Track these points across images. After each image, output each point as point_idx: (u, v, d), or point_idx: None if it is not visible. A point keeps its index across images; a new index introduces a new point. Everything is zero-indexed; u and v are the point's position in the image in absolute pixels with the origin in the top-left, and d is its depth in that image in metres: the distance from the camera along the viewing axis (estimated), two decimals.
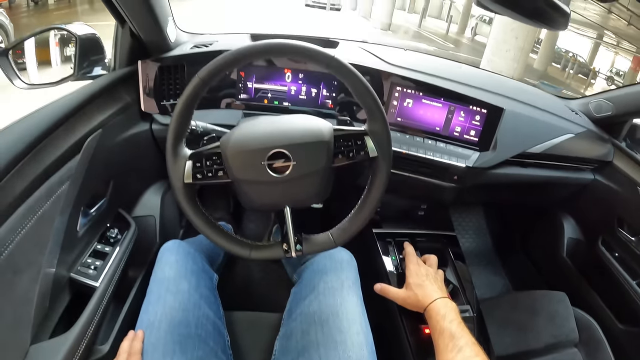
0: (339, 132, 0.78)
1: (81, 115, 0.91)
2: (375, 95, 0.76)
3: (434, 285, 0.95)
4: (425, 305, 0.90)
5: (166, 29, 1.09)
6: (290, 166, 0.73)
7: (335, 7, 18.35)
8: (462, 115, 1.14)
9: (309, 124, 0.77)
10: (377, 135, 0.78)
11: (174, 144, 0.75)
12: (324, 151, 0.75)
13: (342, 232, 0.79)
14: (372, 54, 1.27)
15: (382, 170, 0.78)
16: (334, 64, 0.73)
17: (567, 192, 1.42)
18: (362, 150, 0.77)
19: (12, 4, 8.73)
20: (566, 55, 16.51)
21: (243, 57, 0.73)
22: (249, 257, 0.78)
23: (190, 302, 0.86)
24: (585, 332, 1.18)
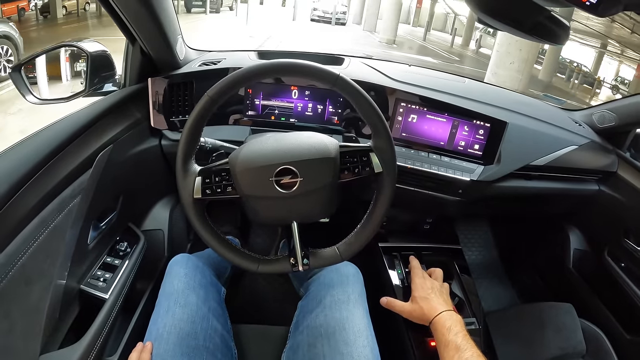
0: (344, 149, 0.80)
1: (93, 131, 0.93)
2: (379, 112, 0.78)
3: (440, 299, 0.95)
4: (430, 318, 0.91)
5: (175, 47, 1.11)
6: (297, 182, 0.74)
7: (341, 22, 18.47)
8: (466, 129, 1.16)
9: (315, 141, 0.79)
10: (382, 151, 0.79)
11: (184, 160, 0.77)
12: (330, 167, 0.77)
13: (348, 247, 0.81)
14: (376, 70, 1.29)
15: (387, 185, 0.80)
16: (340, 82, 0.76)
17: (572, 204, 1.42)
18: (367, 166, 0.79)
19: (21, 17, 8.86)
20: (570, 65, 16.52)
21: (251, 77, 0.76)
22: (257, 271, 0.79)
23: (199, 315, 0.87)
24: (593, 343, 1.17)
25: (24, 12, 8.97)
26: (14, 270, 0.68)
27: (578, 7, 0.51)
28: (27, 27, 8.77)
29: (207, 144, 0.95)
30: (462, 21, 22.78)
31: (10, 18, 7.86)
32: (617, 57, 17.02)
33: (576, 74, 15.71)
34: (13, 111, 4.54)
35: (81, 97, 1.06)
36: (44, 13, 10.00)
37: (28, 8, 9.16)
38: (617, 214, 1.30)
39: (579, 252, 1.47)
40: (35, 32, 8.80)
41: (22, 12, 8.91)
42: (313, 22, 18.14)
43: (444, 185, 1.17)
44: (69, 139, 0.84)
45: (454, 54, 16.25)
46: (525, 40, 1.82)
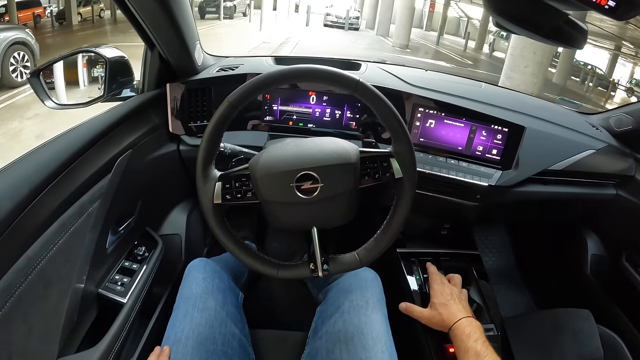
0: (364, 154, 0.80)
1: (112, 136, 0.94)
2: (400, 117, 0.78)
3: (459, 305, 0.95)
4: (449, 324, 0.91)
5: (194, 53, 1.12)
6: (318, 188, 0.74)
7: (354, 27, 18.41)
8: (483, 134, 1.15)
9: (336, 146, 0.79)
10: (402, 156, 0.79)
11: (204, 166, 0.78)
12: (350, 173, 0.77)
13: (368, 252, 0.81)
14: (394, 76, 1.29)
15: (407, 191, 0.80)
16: (360, 88, 0.76)
17: (590, 209, 1.41)
18: (387, 172, 0.79)
19: (37, 24, 9.01)
20: (585, 68, 16.32)
21: (271, 82, 0.76)
22: (277, 276, 0.79)
23: (217, 320, 0.88)
24: (611, 350, 1.14)
25: (39, 19, 9.15)
26: (33, 273, 0.69)
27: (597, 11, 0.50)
28: (43, 33, 8.92)
29: (226, 149, 0.96)
30: (475, 25, 22.62)
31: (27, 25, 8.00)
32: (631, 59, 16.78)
33: (590, 76, 15.52)
34: (29, 116, 4.64)
35: (99, 103, 1.07)
36: (59, 20, 10.18)
37: (44, 15, 9.33)
38: (635, 218, 1.28)
39: (597, 257, 1.45)
40: (51, 39, 8.95)
41: (38, 18, 9.08)
42: (326, 27, 18.10)
43: (462, 190, 1.17)
44: (88, 144, 0.86)
45: (468, 58, 16.12)
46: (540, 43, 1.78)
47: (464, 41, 19.58)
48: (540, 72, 6.91)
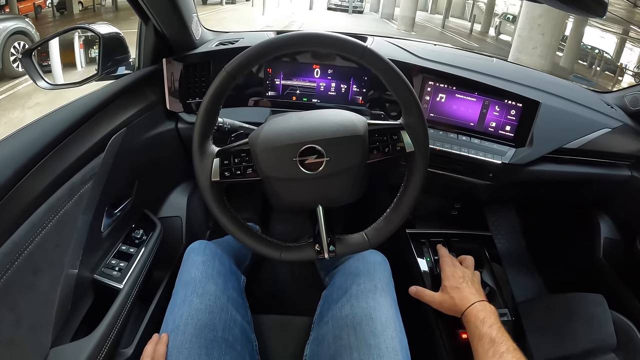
0: (373, 127, 0.75)
1: (105, 114, 0.90)
2: (410, 87, 0.73)
3: (472, 288, 0.91)
4: (462, 309, 0.87)
5: (191, 26, 1.07)
6: (323, 162, 0.70)
7: (358, 10, 18.33)
8: (497, 109, 1.10)
9: (343, 118, 0.74)
10: (414, 129, 0.74)
11: (201, 141, 0.73)
12: (358, 146, 0.72)
13: (377, 233, 0.76)
14: (402, 48, 1.23)
15: (419, 166, 0.75)
16: (367, 55, 0.70)
17: (604, 190, 1.37)
18: (398, 146, 0.74)
19: (38, 14, 8.91)
20: (592, 52, 16.05)
21: (272, 50, 0.70)
22: (280, 258, 0.75)
23: (217, 305, 0.84)
24: (624, 336, 1.11)
25: (40, 9, 9.03)
26: (20, 259, 0.65)
27: None
28: (44, 23, 8.83)
29: (225, 125, 0.91)
30: (481, 8, 22.29)
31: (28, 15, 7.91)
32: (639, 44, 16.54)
33: (598, 60, 15.29)
34: (31, 105, 4.60)
35: (94, 82, 1.02)
36: (60, 9, 10.07)
37: (45, 5, 9.21)
38: None
39: (610, 241, 1.41)
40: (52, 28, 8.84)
41: (39, 9, 8.97)
42: (330, 10, 17.99)
43: (474, 168, 1.12)
44: (78, 122, 0.81)
45: (474, 41, 15.86)
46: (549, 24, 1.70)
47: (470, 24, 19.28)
48: (549, 54, 6.82)
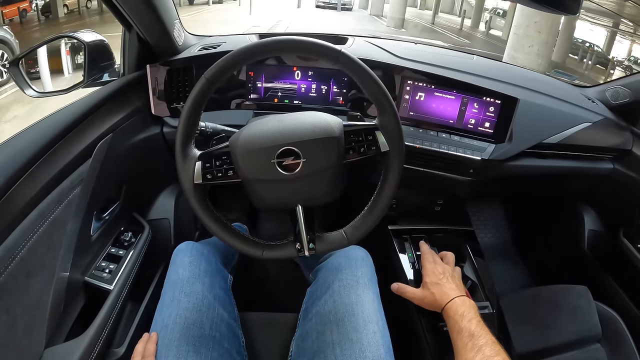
0: (349, 128, 0.76)
1: (91, 121, 0.91)
2: (384, 88, 0.75)
3: (452, 284, 0.93)
4: (442, 304, 0.88)
5: (173, 32, 1.09)
6: (300, 164, 0.72)
7: (347, 7, 18.12)
8: (475, 107, 1.12)
9: (318, 120, 0.76)
10: (388, 129, 0.76)
11: (183, 145, 0.75)
12: (334, 147, 0.74)
13: (356, 230, 0.78)
14: (381, 49, 1.25)
15: (395, 165, 0.77)
16: (342, 58, 0.72)
17: (586, 183, 1.39)
18: (373, 146, 0.76)
19: (23, 18, 8.81)
20: (583, 45, 16.07)
21: (248, 56, 0.72)
22: (262, 257, 0.77)
23: (204, 304, 0.86)
24: (609, 327, 1.13)
25: (25, 13, 8.91)
26: (13, 263, 0.67)
27: None
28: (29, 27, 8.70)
29: (207, 129, 0.93)
30: (471, 3, 22.22)
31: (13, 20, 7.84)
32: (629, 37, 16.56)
33: (589, 54, 15.28)
34: (8, 118, 4.42)
35: (81, 89, 1.04)
36: (45, 13, 9.97)
37: (30, 9, 9.12)
38: (632, 193, 1.26)
39: (594, 233, 1.43)
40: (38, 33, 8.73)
41: (24, 13, 8.85)
42: (319, 8, 17.78)
43: (454, 165, 1.14)
44: (66, 130, 0.83)
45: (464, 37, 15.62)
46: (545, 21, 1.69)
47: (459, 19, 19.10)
48: (546, 52, 6.60)
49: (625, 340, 1.10)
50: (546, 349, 1.10)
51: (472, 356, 0.73)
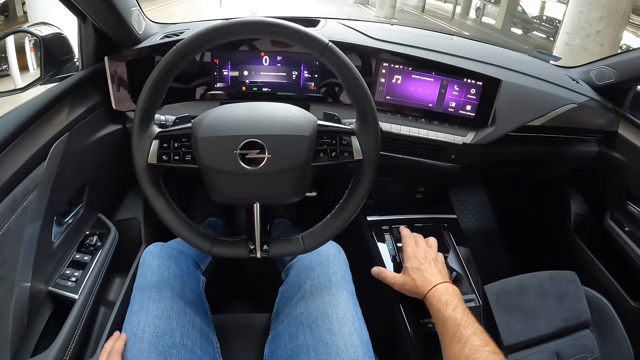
0: (323, 128, 0.71)
1: (44, 120, 0.85)
2: (369, 94, 0.69)
3: (434, 269, 0.88)
4: (424, 292, 0.84)
5: (130, 21, 1.01)
6: (265, 159, 0.66)
7: None
8: (456, 89, 1.07)
9: (292, 115, 0.70)
10: (366, 137, 0.71)
11: (142, 120, 0.69)
12: (304, 147, 0.68)
13: (314, 238, 0.74)
14: (355, 30, 1.19)
15: (366, 175, 0.72)
16: (328, 52, 0.66)
17: (572, 166, 1.36)
18: (346, 151, 0.71)
19: None
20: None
21: (228, 33, 0.66)
22: (211, 252, 0.73)
23: (175, 310, 0.81)
24: (598, 312, 1.12)
25: None
26: None
27: None
28: None
29: (169, 123, 0.86)
30: None
31: None
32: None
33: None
34: None
35: (39, 86, 0.97)
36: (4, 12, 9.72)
37: None
38: (618, 175, 1.25)
39: (580, 216, 1.42)
40: None
41: None
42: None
43: (434, 150, 1.10)
44: (16, 132, 0.76)
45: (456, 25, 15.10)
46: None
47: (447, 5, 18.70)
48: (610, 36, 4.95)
49: (615, 325, 1.10)
50: (534, 339, 1.07)
51: (460, 348, 0.69)
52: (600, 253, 1.34)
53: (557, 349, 1.05)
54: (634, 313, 1.19)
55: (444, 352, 0.74)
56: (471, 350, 0.68)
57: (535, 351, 1.04)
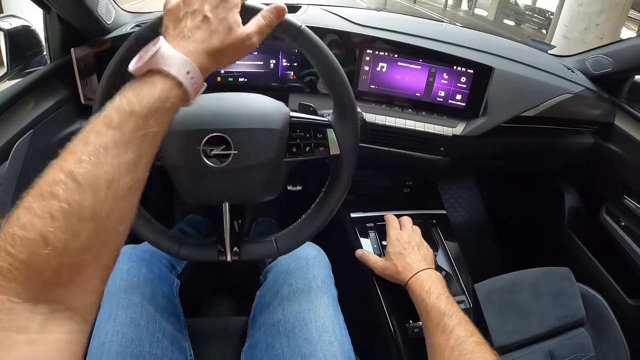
0: (296, 120, 0.66)
1: (6, 118, 0.80)
2: (347, 83, 0.64)
3: (417, 255, 0.85)
4: (405, 279, 0.81)
5: (96, 10, 0.95)
6: (230, 155, 0.61)
7: None
8: (445, 77, 1.02)
9: (261, 106, 0.65)
10: (343, 129, 0.66)
11: None
12: (274, 141, 0.63)
13: (289, 240, 0.70)
14: (338, 16, 1.14)
15: (344, 172, 0.67)
16: (301, 36, 0.60)
17: (567, 158, 1.32)
18: (322, 146, 0.66)
19: None
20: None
21: None
22: (177, 255, 0.69)
23: (144, 317, 0.76)
24: (593, 310, 1.09)
25: None
26: None
27: None
28: None
29: None
30: None
31: None
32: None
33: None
34: None
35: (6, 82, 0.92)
36: None
37: None
38: (615, 168, 1.21)
39: (575, 210, 1.38)
40: None
41: None
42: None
43: (422, 143, 1.05)
44: None
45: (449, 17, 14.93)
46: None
47: None
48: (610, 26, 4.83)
49: (610, 323, 1.07)
50: (528, 340, 1.03)
51: (445, 339, 0.66)
52: (596, 249, 1.30)
53: (551, 348, 1.01)
54: (630, 311, 1.16)
55: (428, 342, 0.71)
56: (457, 342, 0.65)
57: (528, 352, 1.01)
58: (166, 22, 0.50)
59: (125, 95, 0.42)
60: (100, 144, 0.39)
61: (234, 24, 0.50)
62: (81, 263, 0.37)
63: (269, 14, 0.54)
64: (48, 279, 0.34)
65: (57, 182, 0.36)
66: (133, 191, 0.41)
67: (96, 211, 0.37)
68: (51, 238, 0.34)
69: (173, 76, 0.44)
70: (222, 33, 0.49)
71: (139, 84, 0.43)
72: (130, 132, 0.40)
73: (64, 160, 0.38)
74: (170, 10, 0.50)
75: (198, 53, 0.47)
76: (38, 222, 0.35)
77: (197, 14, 0.48)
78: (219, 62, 0.50)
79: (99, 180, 0.37)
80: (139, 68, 0.44)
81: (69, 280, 0.36)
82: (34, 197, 0.36)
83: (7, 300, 0.33)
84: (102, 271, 0.40)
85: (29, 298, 0.34)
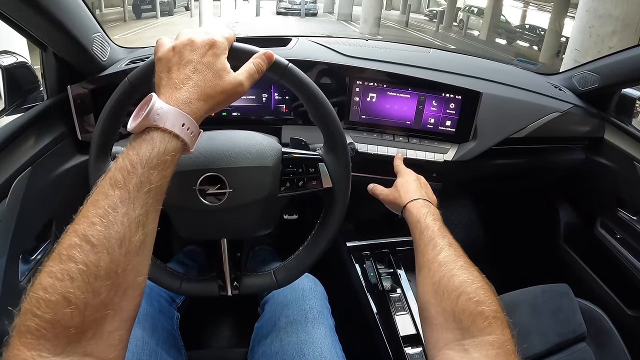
0: (288, 155, 0.67)
1: (5, 155, 0.81)
2: (334, 115, 0.65)
3: (421, 190, 0.83)
4: (404, 202, 0.79)
5: (91, 48, 0.97)
6: (226, 194, 0.62)
7: (311, 12, 17.22)
8: (434, 104, 1.03)
9: (253, 144, 0.66)
10: (334, 162, 0.67)
11: (98, 155, 0.65)
12: (267, 178, 0.64)
13: (288, 272, 0.70)
14: (327, 48, 1.16)
15: (338, 204, 0.68)
16: (288, 74, 0.61)
17: (559, 175, 1.33)
18: (314, 180, 0.67)
19: None
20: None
21: None
22: (179, 291, 0.69)
23: (146, 351, 0.76)
24: (593, 324, 1.09)
25: None
26: None
27: None
28: None
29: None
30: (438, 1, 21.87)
31: None
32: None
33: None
34: None
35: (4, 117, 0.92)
36: None
37: None
38: (607, 181, 1.22)
39: (570, 226, 1.39)
40: None
41: None
42: (280, 15, 16.94)
43: (415, 170, 1.04)
44: None
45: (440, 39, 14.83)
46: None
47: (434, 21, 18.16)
48: None
49: (612, 337, 1.07)
50: (530, 358, 1.03)
51: (434, 255, 0.64)
52: (593, 262, 1.30)
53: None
54: (630, 322, 1.16)
55: (417, 259, 0.68)
56: (445, 258, 0.63)
57: None
58: (158, 70, 0.52)
59: (126, 154, 0.44)
60: (108, 204, 0.41)
61: (222, 71, 0.51)
62: (103, 317, 0.39)
63: (259, 60, 0.56)
64: (74, 334, 0.37)
65: (73, 245, 0.39)
66: (145, 244, 0.43)
67: (112, 269, 0.39)
68: (72, 298, 0.37)
69: (169, 130, 0.45)
70: (212, 81, 0.50)
71: (138, 142, 0.45)
72: (136, 189, 0.42)
73: (78, 223, 0.41)
74: (161, 58, 0.51)
75: (191, 103, 0.48)
76: (59, 284, 0.37)
77: (188, 65, 0.50)
78: (212, 108, 0.51)
79: (111, 240, 0.39)
80: (136, 126, 0.45)
81: (94, 335, 0.38)
82: (54, 260, 0.39)
83: (38, 356, 0.35)
84: (125, 322, 0.42)
85: (58, 352, 0.36)
